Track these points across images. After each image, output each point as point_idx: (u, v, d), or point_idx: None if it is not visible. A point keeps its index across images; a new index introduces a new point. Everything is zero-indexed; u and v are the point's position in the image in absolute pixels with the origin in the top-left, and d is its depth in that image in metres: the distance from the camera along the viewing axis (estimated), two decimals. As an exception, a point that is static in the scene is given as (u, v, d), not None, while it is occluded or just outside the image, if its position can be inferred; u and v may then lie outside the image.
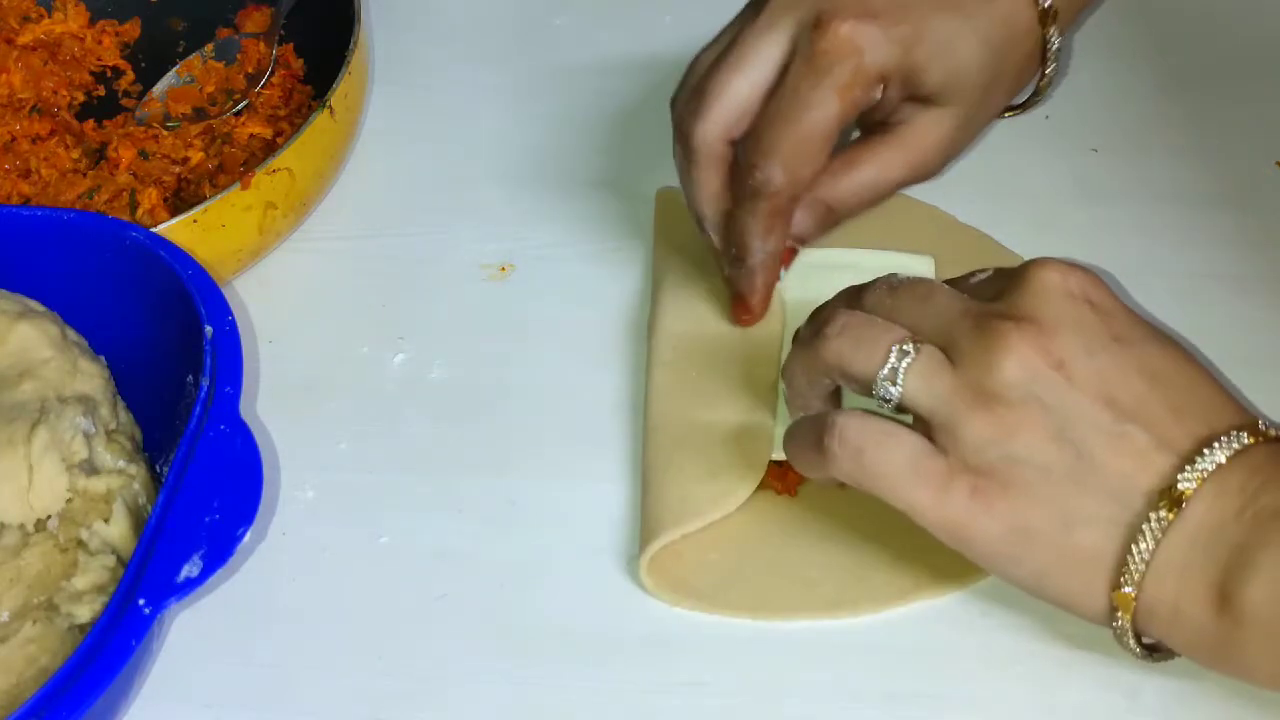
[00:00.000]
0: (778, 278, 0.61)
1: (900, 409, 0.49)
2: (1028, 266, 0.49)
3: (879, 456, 0.48)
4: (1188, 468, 0.45)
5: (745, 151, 0.57)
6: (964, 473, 0.47)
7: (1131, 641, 0.47)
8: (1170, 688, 0.52)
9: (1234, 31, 0.75)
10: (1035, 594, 0.48)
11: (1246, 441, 0.45)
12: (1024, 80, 0.62)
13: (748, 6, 0.60)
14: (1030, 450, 0.46)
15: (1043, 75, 0.62)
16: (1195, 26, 0.76)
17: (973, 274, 0.52)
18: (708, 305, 0.63)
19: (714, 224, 0.60)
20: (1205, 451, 0.45)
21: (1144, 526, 0.45)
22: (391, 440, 0.63)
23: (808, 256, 0.64)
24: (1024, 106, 0.65)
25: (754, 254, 0.59)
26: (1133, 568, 0.45)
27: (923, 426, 0.48)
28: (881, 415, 0.49)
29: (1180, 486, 0.45)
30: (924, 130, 0.59)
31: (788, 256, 0.62)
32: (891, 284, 0.52)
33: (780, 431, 0.58)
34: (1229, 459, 0.45)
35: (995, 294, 0.49)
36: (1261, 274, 0.65)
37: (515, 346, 0.66)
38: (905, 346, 0.48)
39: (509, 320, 0.67)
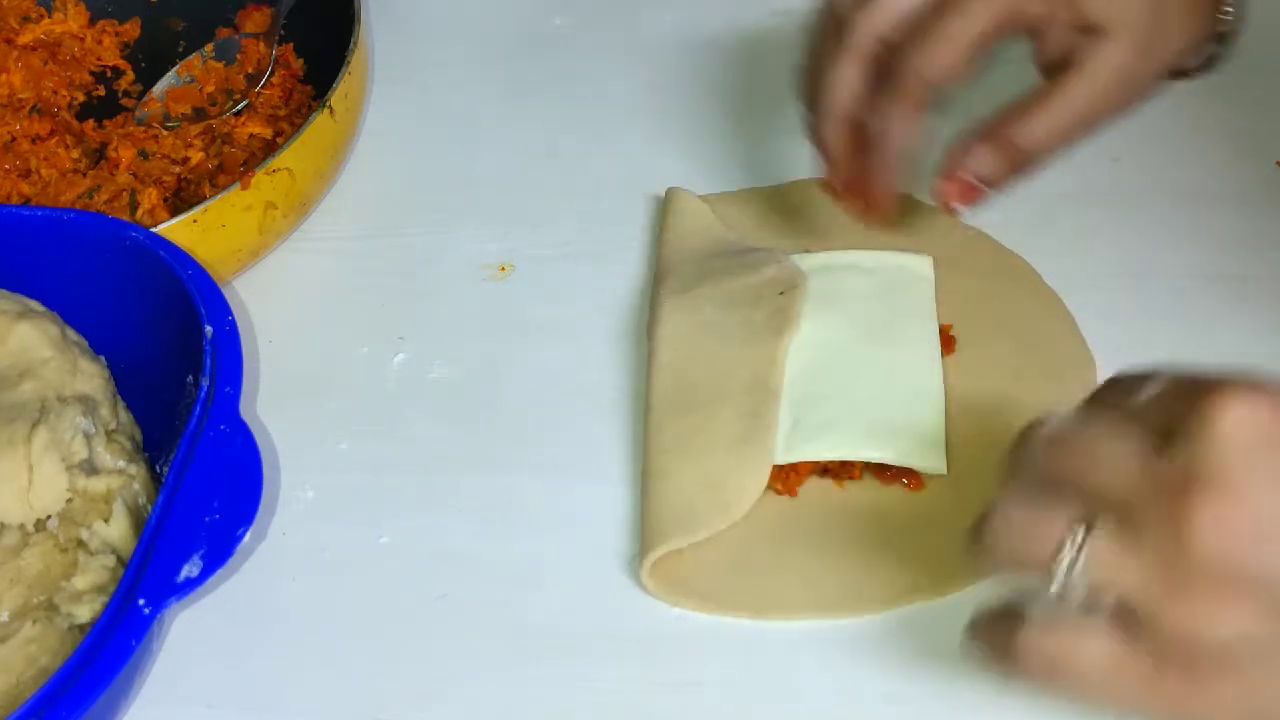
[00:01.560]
0: (896, 176, 0.59)
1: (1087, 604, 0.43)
2: (1209, 404, 0.41)
3: (1077, 667, 0.42)
4: None
5: (903, 43, 0.57)
6: (1174, 664, 0.41)
7: None
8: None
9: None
10: None
11: None
12: (1196, 24, 0.60)
13: None
14: (1243, 629, 0.40)
15: (1221, 17, 0.61)
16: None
17: (1135, 381, 0.44)
18: (709, 308, 0.63)
19: (836, 116, 0.59)
20: None
21: None
22: (391, 440, 0.63)
23: (809, 260, 0.64)
24: (1198, 70, 0.63)
25: (887, 137, 0.58)
26: None
27: (1112, 615, 0.42)
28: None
29: None
30: (1101, 59, 0.57)
31: (965, 193, 0.59)
32: (1052, 437, 0.45)
33: (781, 434, 0.58)
34: None
35: (1170, 428, 0.42)
36: (1261, 274, 0.65)
37: (515, 346, 0.66)
38: (1078, 535, 0.42)
39: (509, 320, 0.67)
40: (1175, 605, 0.41)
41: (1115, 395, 0.44)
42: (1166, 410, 0.42)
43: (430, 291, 0.68)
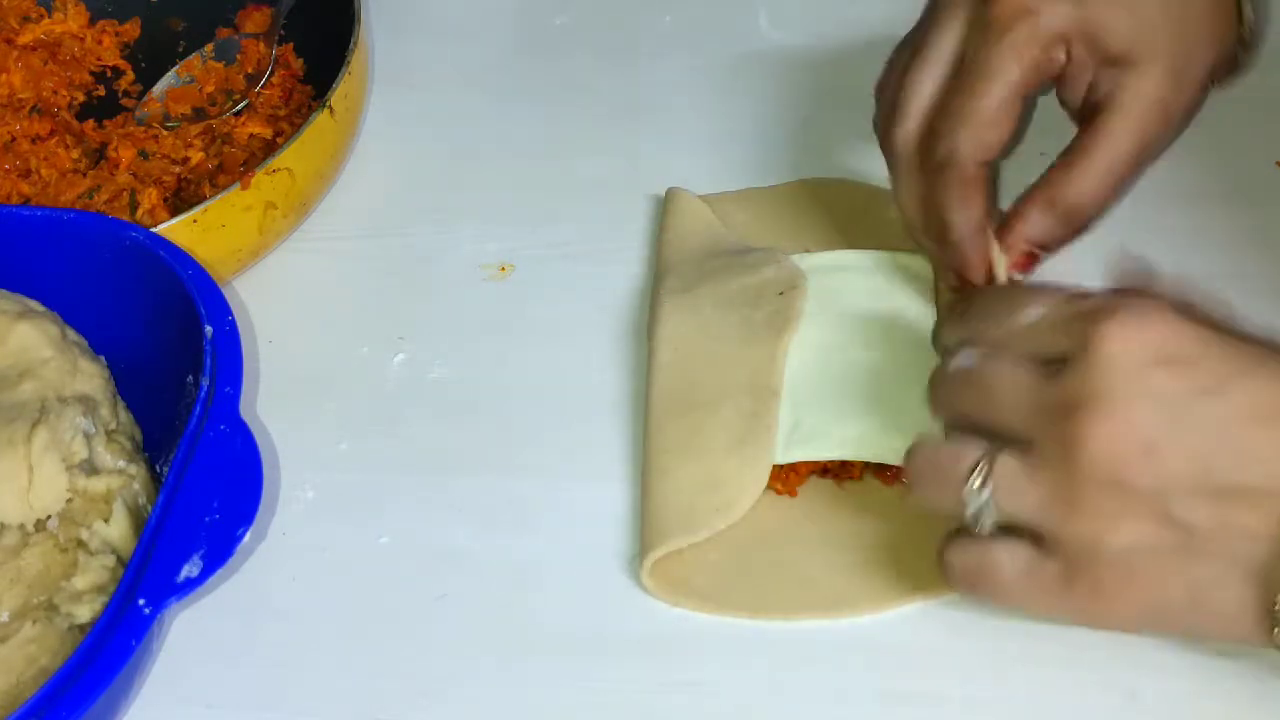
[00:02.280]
0: (988, 250, 0.58)
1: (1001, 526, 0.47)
2: (1095, 331, 0.45)
3: (993, 579, 0.47)
4: None
5: (934, 127, 0.57)
6: (1080, 573, 0.45)
7: None
8: (1170, 688, 0.52)
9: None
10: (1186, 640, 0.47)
11: None
12: (1222, 31, 0.59)
13: (926, 9, 0.60)
14: (1138, 539, 0.44)
15: (1242, 26, 0.60)
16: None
17: (1020, 298, 0.49)
18: (709, 308, 0.63)
19: (923, 228, 0.59)
20: None
21: None
22: (391, 440, 0.63)
23: (809, 259, 0.64)
24: (1232, 74, 0.62)
25: (955, 229, 0.57)
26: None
27: (1026, 534, 0.47)
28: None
29: None
30: (1134, 92, 0.56)
31: (1026, 263, 0.58)
32: (955, 375, 0.49)
33: (781, 434, 0.58)
34: None
35: (1061, 352, 0.46)
36: (1261, 274, 0.65)
37: (515, 346, 0.66)
38: (980, 470, 0.46)
39: (509, 320, 0.67)
40: (1074, 521, 0.44)
41: (1001, 310, 0.49)
42: (1055, 336, 0.46)
43: (430, 291, 0.68)
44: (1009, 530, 0.47)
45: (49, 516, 0.55)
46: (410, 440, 0.63)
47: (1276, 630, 0.43)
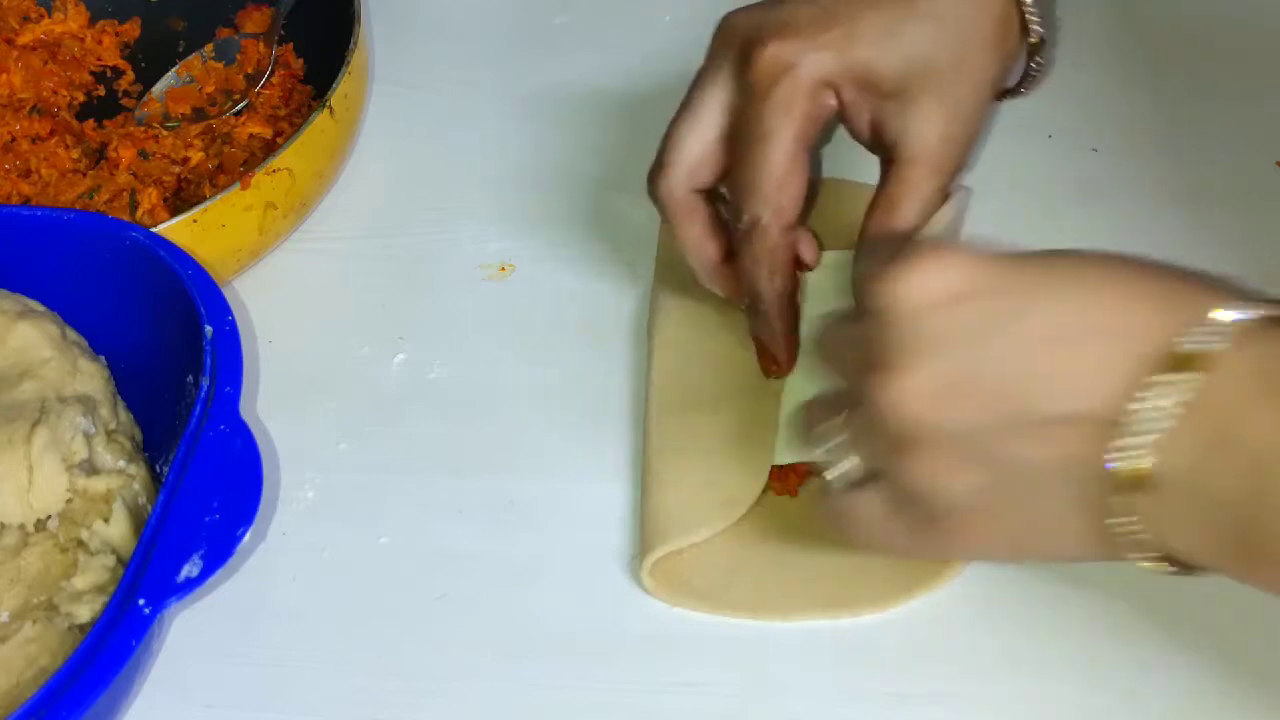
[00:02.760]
0: (796, 322, 0.59)
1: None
2: (880, 284, 0.45)
3: (855, 525, 0.49)
4: (1127, 443, 0.41)
5: (730, 201, 0.58)
6: (928, 522, 0.46)
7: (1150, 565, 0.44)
8: (1170, 688, 0.52)
9: (1234, 31, 0.75)
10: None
11: (1187, 380, 0.41)
12: (1005, 48, 0.59)
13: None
14: (969, 481, 0.44)
15: (1030, 44, 0.60)
16: (1196, 26, 0.76)
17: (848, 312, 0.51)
18: (709, 309, 0.63)
19: (707, 274, 0.60)
20: (1139, 414, 0.41)
21: (1120, 518, 0.42)
22: (391, 440, 0.63)
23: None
24: (1023, 85, 0.63)
25: (764, 298, 0.58)
26: (1127, 541, 0.43)
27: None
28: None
29: (1128, 469, 0.41)
30: (919, 129, 0.57)
31: None
32: (820, 337, 0.52)
33: (780, 436, 0.58)
34: (1179, 414, 0.41)
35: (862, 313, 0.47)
36: (1261, 274, 0.65)
37: (515, 346, 0.66)
38: (841, 421, 0.48)
39: (509, 320, 0.67)
40: (909, 472, 0.45)
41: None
42: (865, 290, 0.47)
43: (430, 291, 0.68)
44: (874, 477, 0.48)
45: (49, 516, 0.55)
46: (410, 440, 0.63)
47: (1126, 538, 0.43)
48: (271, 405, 0.64)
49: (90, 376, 0.59)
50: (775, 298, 0.58)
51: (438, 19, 0.82)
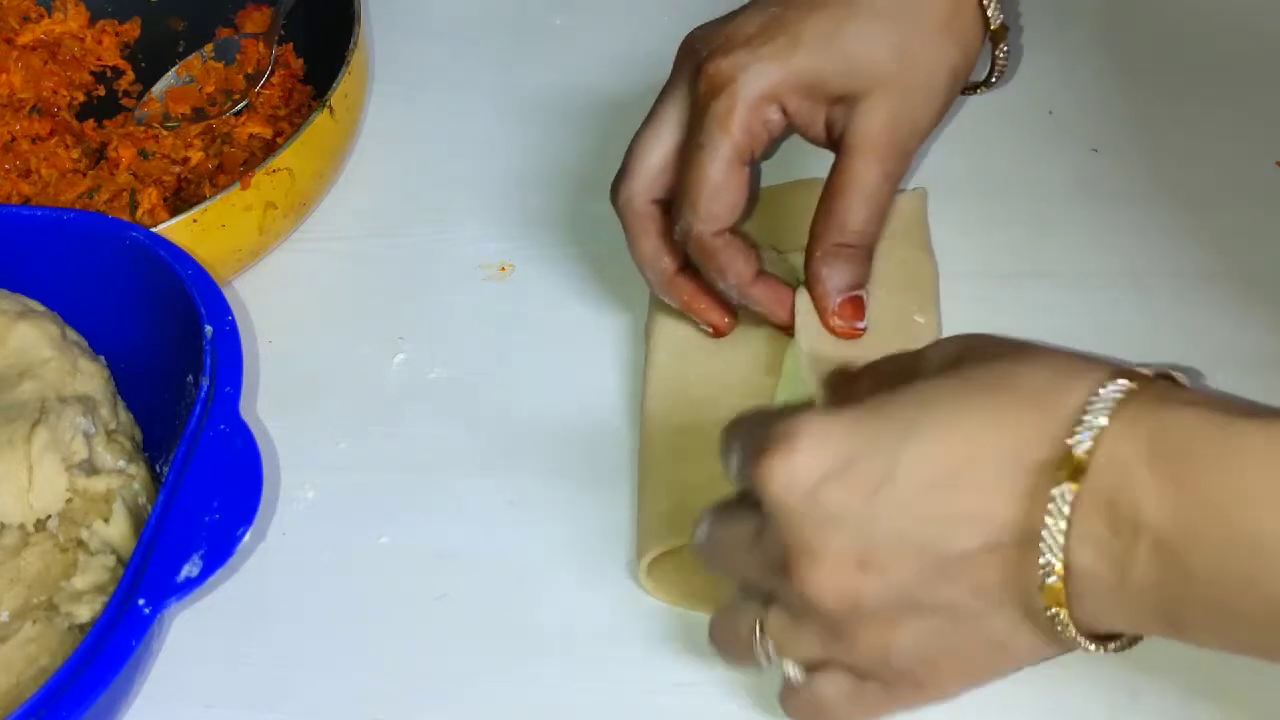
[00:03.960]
0: (777, 289, 0.60)
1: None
2: (756, 479, 0.44)
3: (828, 713, 0.47)
4: (1042, 551, 0.41)
5: (674, 205, 0.59)
6: (893, 681, 0.46)
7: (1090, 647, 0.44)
8: (1170, 688, 0.52)
9: (1234, 31, 0.75)
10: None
11: (1069, 476, 0.41)
12: (962, 37, 0.59)
13: None
14: (915, 635, 0.44)
15: (992, 32, 0.60)
16: (1196, 26, 0.76)
17: (728, 437, 0.48)
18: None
19: (661, 284, 0.61)
20: (1049, 512, 0.41)
21: (1055, 622, 0.42)
22: (391, 440, 0.63)
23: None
24: (992, 76, 0.63)
25: (733, 292, 0.59)
26: (1071, 634, 0.43)
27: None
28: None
29: (1048, 583, 0.42)
30: (864, 125, 0.57)
31: (854, 309, 0.59)
32: (699, 544, 0.50)
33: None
34: (1071, 510, 0.41)
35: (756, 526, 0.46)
36: (1261, 274, 0.65)
37: (515, 346, 0.66)
38: (758, 626, 0.47)
39: (509, 320, 0.67)
40: (856, 650, 0.45)
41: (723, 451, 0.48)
42: (742, 483, 0.46)
43: (430, 291, 0.68)
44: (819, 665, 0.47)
45: (49, 516, 0.55)
46: (410, 440, 0.63)
47: (1072, 639, 0.43)
48: (271, 405, 0.64)
49: (90, 376, 0.59)
50: (740, 285, 0.59)
51: (438, 19, 0.82)
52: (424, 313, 0.68)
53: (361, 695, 0.55)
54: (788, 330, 0.60)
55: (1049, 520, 0.41)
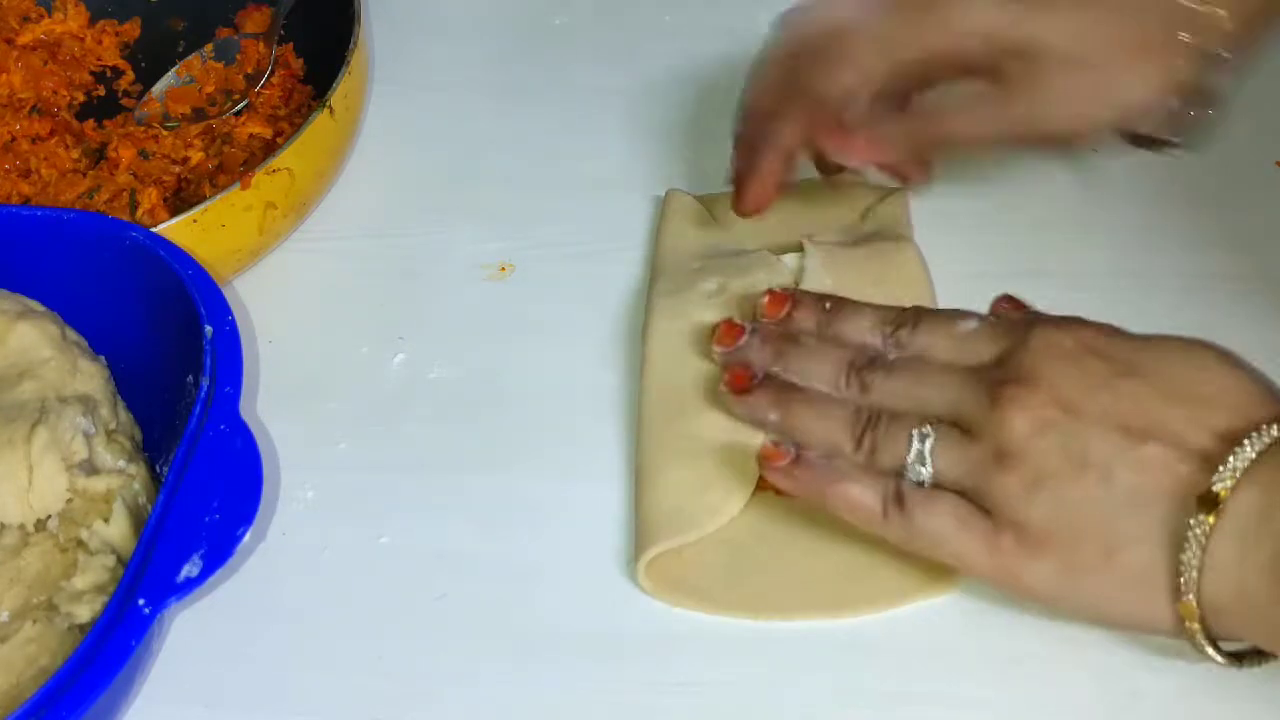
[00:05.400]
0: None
1: (936, 486, 0.51)
2: (1028, 329, 0.51)
3: (929, 523, 0.50)
4: (1221, 468, 0.46)
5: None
6: (1007, 527, 0.49)
7: (1209, 649, 0.47)
8: (1170, 688, 0.52)
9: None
10: (1103, 624, 0.50)
11: (1276, 434, 0.46)
12: (1157, 58, 0.56)
13: None
14: (1060, 493, 0.48)
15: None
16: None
17: (956, 316, 0.55)
18: (700, 310, 0.63)
19: (780, 153, 0.60)
20: (1236, 450, 0.46)
21: (1187, 534, 0.46)
22: (391, 440, 0.63)
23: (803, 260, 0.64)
24: (1178, 131, 0.59)
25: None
26: (1186, 575, 0.46)
27: (960, 495, 0.50)
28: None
29: (1215, 488, 0.45)
30: (1036, 79, 0.56)
31: (865, 150, 0.60)
32: (886, 365, 0.54)
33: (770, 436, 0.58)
34: (1261, 453, 0.46)
35: (995, 356, 0.52)
36: (1261, 274, 0.65)
37: (515, 346, 0.66)
38: (924, 430, 0.51)
39: (509, 320, 0.67)
40: (1002, 477, 0.49)
41: (938, 324, 0.54)
42: (988, 343, 0.52)
43: (430, 291, 0.68)
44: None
45: (49, 516, 0.55)
46: (410, 440, 0.63)
47: (1180, 593, 0.46)
48: (271, 405, 0.64)
49: (90, 376, 0.59)
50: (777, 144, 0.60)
51: (438, 19, 0.82)
52: (424, 313, 0.68)
53: (361, 695, 0.55)
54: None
55: (1230, 458, 0.46)
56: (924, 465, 0.51)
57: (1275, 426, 0.46)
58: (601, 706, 0.54)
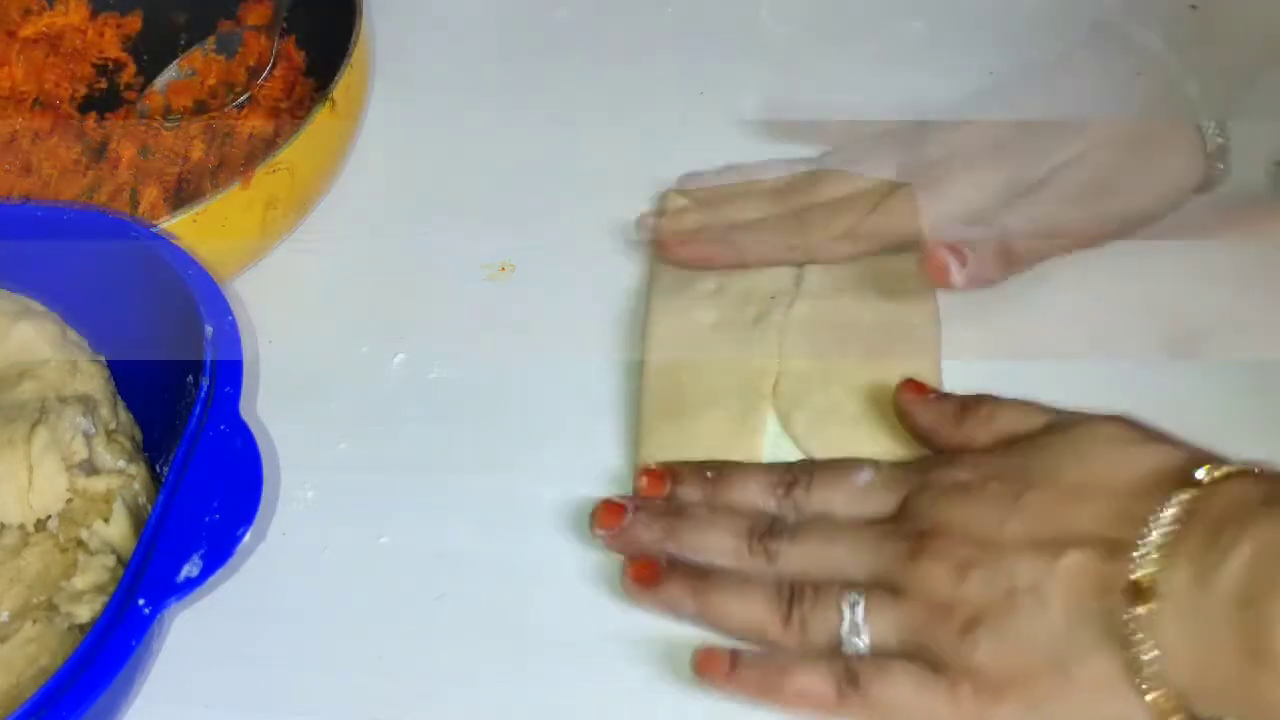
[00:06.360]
0: None
1: (879, 654, 0.50)
2: (923, 472, 0.52)
3: (886, 693, 0.49)
4: (1135, 555, 0.45)
5: None
6: (963, 678, 0.48)
7: None
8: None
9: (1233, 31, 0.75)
10: None
11: (1185, 500, 0.46)
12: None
13: None
14: (1001, 630, 0.47)
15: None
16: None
17: (847, 468, 0.54)
18: (698, 310, 0.63)
19: None
20: (1142, 533, 0.46)
21: (1129, 630, 0.45)
22: (391, 440, 0.63)
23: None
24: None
25: None
26: (1146, 671, 0.45)
27: (904, 656, 0.50)
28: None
29: (1135, 577, 0.45)
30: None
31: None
32: (789, 530, 0.53)
33: (769, 436, 0.58)
34: (1173, 529, 0.45)
35: (896, 504, 0.52)
36: (1261, 274, 0.65)
37: (515, 346, 0.66)
38: (852, 597, 0.50)
39: (509, 320, 0.67)
40: (942, 631, 0.48)
41: (836, 479, 0.54)
42: (884, 495, 0.53)
43: (430, 291, 0.68)
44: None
45: (49, 516, 0.55)
46: (410, 440, 0.63)
47: (1146, 689, 0.45)
48: (271, 405, 0.63)
49: (90, 376, 0.59)
50: None
51: (438, 14, 0.82)
52: (424, 313, 0.67)
53: (361, 695, 0.55)
54: None
55: (1152, 527, 0.46)
56: (859, 635, 0.50)
57: (1180, 495, 0.45)
58: (601, 706, 0.54)
